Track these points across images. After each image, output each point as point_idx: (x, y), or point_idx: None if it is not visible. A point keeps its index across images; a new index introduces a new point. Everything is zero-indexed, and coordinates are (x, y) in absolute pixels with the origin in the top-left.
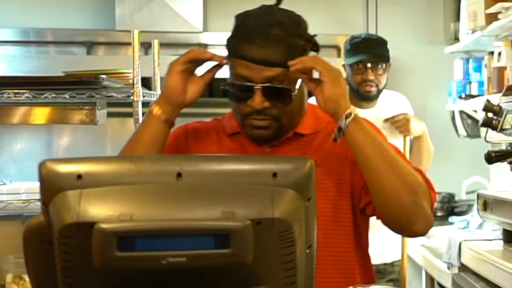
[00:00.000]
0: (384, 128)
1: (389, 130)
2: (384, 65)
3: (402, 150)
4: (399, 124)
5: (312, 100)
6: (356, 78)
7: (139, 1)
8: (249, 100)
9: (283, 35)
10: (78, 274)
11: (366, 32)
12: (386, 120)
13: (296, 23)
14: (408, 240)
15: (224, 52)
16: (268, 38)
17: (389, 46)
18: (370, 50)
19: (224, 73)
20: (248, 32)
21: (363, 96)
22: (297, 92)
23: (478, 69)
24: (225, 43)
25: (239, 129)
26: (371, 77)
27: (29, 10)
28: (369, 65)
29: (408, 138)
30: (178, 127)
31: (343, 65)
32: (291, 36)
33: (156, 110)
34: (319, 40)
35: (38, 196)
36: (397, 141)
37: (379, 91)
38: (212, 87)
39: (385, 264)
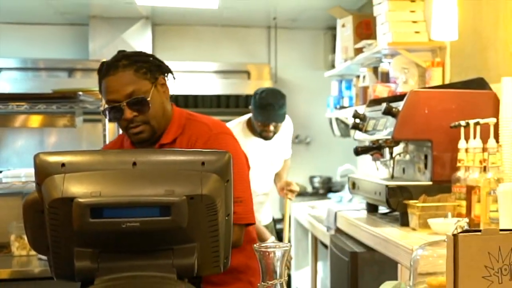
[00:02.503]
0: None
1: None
2: (281, 124)
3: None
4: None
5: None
6: (260, 127)
7: (105, 39)
8: (122, 117)
9: (129, 63)
10: (62, 235)
11: (271, 88)
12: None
13: (140, 54)
14: (290, 207)
15: (170, 76)
16: (117, 67)
17: (284, 72)
18: (273, 116)
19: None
20: (103, 69)
21: (263, 136)
22: (152, 98)
23: (348, 88)
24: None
25: (132, 146)
26: (272, 130)
27: (27, 45)
28: (272, 126)
29: (288, 201)
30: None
31: (250, 108)
32: (136, 62)
33: None
34: (234, 67)
35: (33, 179)
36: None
37: (275, 134)
38: (197, 100)
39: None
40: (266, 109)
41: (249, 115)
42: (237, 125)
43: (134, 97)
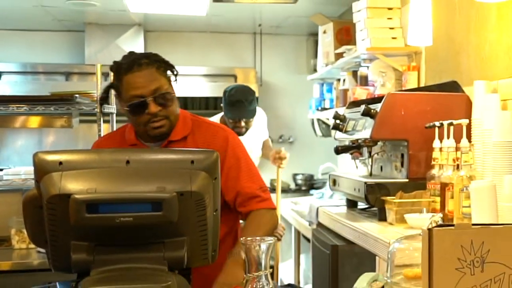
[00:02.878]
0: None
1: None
2: (252, 118)
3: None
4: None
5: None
6: (231, 124)
7: (100, 45)
8: (146, 110)
9: (150, 61)
10: (60, 229)
11: (240, 85)
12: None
13: (154, 54)
14: (280, 205)
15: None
16: (141, 65)
17: (269, 76)
18: (243, 113)
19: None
20: (123, 67)
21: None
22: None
23: (329, 90)
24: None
25: (137, 141)
26: (243, 126)
27: (26, 51)
28: (243, 122)
29: (280, 170)
30: (93, 144)
31: (222, 105)
32: (156, 61)
33: None
34: (222, 71)
35: (32, 176)
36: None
37: (247, 130)
38: (186, 101)
39: None
40: (236, 106)
41: (222, 113)
42: None
43: (160, 92)
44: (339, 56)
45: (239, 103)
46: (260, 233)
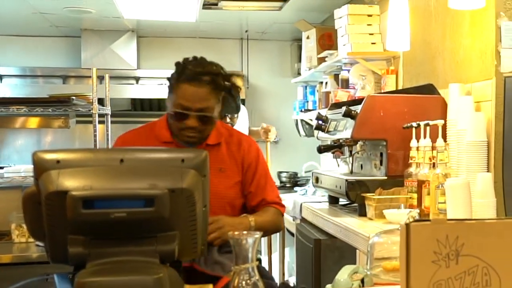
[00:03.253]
0: (253, 134)
1: (256, 134)
2: (236, 114)
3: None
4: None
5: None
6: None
7: (96, 50)
8: (185, 120)
9: (209, 81)
10: (57, 223)
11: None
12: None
13: (218, 72)
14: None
15: (153, 82)
16: (200, 81)
17: (255, 79)
18: (226, 108)
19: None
20: (185, 73)
21: None
22: (214, 115)
23: (312, 93)
24: (152, 75)
25: (172, 139)
26: (228, 122)
27: (26, 55)
28: (228, 118)
29: (268, 144)
30: (118, 138)
31: None
32: (214, 81)
33: None
34: None
35: (31, 174)
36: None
37: (232, 126)
38: (143, 103)
39: None
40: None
41: None
42: None
43: (204, 113)
44: (321, 60)
45: (224, 100)
46: (267, 218)
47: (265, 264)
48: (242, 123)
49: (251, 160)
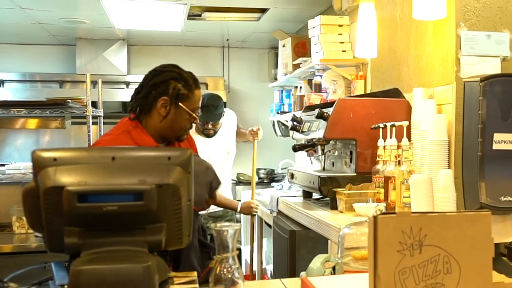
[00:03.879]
0: (241, 135)
1: (243, 135)
2: (218, 122)
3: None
4: (254, 135)
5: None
6: (201, 126)
7: (89, 57)
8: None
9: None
10: (54, 216)
11: (210, 93)
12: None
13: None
14: (239, 193)
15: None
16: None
17: (236, 83)
18: (210, 116)
19: None
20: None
21: (205, 134)
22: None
23: (288, 96)
24: (141, 80)
25: (157, 144)
26: (210, 128)
27: (25, 62)
28: (210, 124)
29: (256, 141)
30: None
31: None
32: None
33: None
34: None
35: (31, 171)
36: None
37: (215, 132)
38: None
39: (223, 210)
40: (204, 110)
41: None
42: None
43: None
44: (296, 66)
45: (207, 108)
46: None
47: (246, 252)
48: (229, 126)
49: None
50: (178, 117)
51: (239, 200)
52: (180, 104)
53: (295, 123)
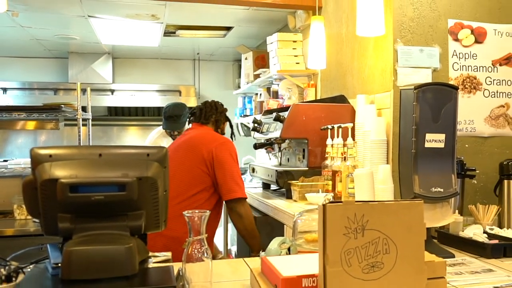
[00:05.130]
0: None
1: None
2: (183, 128)
3: None
4: None
5: None
6: (168, 133)
7: (80, 68)
8: None
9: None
10: (49, 205)
11: (175, 103)
12: None
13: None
14: None
15: (125, 94)
16: None
17: (205, 91)
18: (174, 125)
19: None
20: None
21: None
22: None
23: (250, 102)
24: (124, 88)
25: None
26: (176, 134)
27: (25, 72)
28: (176, 132)
29: None
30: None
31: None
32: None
33: None
34: (169, 87)
35: (29, 165)
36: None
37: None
38: (144, 110)
39: None
40: (169, 120)
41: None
42: (159, 131)
43: None
44: (256, 76)
45: (170, 118)
46: None
47: (219, 236)
48: None
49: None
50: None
51: None
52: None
53: (255, 125)
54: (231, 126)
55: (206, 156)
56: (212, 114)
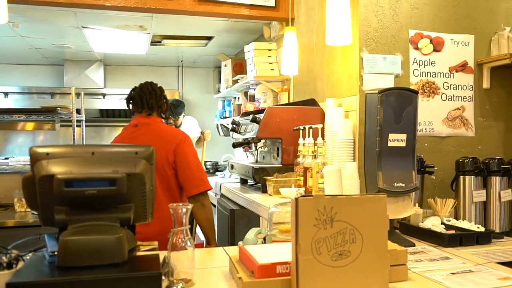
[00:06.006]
0: (197, 139)
1: (199, 139)
2: (179, 116)
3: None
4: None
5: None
6: (165, 120)
7: (74, 74)
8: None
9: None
10: (47, 198)
11: (174, 99)
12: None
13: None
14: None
15: (116, 97)
16: None
17: (188, 95)
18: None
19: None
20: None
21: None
22: None
23: (229, 105)
24: (114, 93)
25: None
26: (172, 122)
27: (24, 78)
28: (172, 119)
29: (205, 142)
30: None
31: None
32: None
33: None
34: None
35: (29, 163)
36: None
37: (177, 126)
38: (108, 112)
39: None
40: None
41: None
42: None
43: None
44: (235, 81)
45: (172, 105)
46: None
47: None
48: (189, 124)
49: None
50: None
51: None
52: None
53: (234, 125)
54: (168, 105)
55: (170, 157)
56: (153, 100)
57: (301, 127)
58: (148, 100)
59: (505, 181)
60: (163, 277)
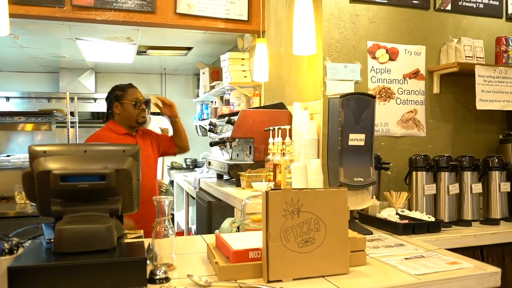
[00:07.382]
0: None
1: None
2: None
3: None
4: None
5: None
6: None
7: (68, 81)
8: (141, 106)
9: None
10: (44, 191)
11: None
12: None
13: None
14: (172, 175)
15: (104, 102)
16: (135, 87)
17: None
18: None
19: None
20: (126, 86)
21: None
22: None
23: (206, 108)
24: (104, 97)
25: (126, 131)
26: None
27: (24, 84)
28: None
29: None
30: (90, 137)
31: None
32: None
33: None
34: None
35: (28, 160)
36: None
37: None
38: (99, 115)
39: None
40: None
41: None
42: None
43: (146, 99)
44: (212, 87)
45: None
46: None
47: (181, 217)
48: (162, 122)
49: (155, 135)
50: (125, 108)
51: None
52: (122, 101)
53: (211, 126)
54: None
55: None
56: (108, 108)
57: (271, 128)
58: (108, 108)
59: (453, 176)
60: (148, 262)
